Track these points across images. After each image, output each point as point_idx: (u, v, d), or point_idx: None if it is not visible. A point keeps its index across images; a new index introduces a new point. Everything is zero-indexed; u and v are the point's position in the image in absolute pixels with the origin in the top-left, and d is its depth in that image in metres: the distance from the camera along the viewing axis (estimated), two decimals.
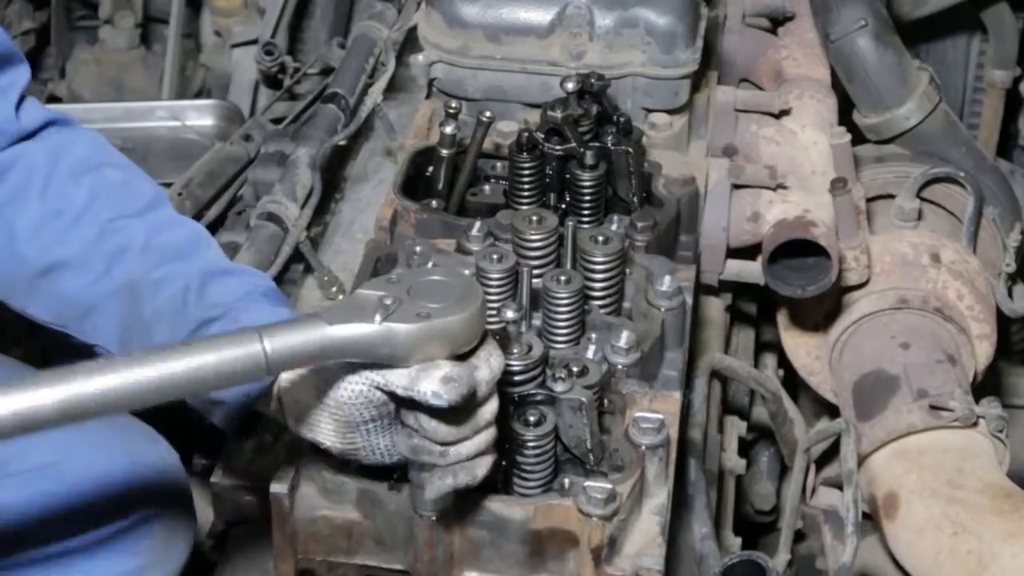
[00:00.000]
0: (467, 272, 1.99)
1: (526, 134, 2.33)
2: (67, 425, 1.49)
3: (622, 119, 2.42)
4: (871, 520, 2.59)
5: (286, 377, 1.78)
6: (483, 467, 1.76)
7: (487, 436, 1.74)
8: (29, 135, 1.98)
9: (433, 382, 1.64)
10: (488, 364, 1.70)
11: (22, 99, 1.98)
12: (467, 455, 1.73)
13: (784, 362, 2.97)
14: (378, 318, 1.63)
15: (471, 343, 1.68)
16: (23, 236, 1.92)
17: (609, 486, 1.82)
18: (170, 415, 2.76)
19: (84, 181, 1.95)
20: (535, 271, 2.11)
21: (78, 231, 1.91)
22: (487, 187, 2.44)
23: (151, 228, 1.93)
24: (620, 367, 2.04)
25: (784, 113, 2.79)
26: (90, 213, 1.92)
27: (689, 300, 2.17)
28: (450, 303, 1.66)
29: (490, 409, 1.73)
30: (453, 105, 2.42)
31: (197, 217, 2.87)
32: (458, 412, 1.69)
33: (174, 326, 1.86)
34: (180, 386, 1.54)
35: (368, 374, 1.69)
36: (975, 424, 2.59)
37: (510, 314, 1.97)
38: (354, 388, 1.71)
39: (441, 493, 1.76)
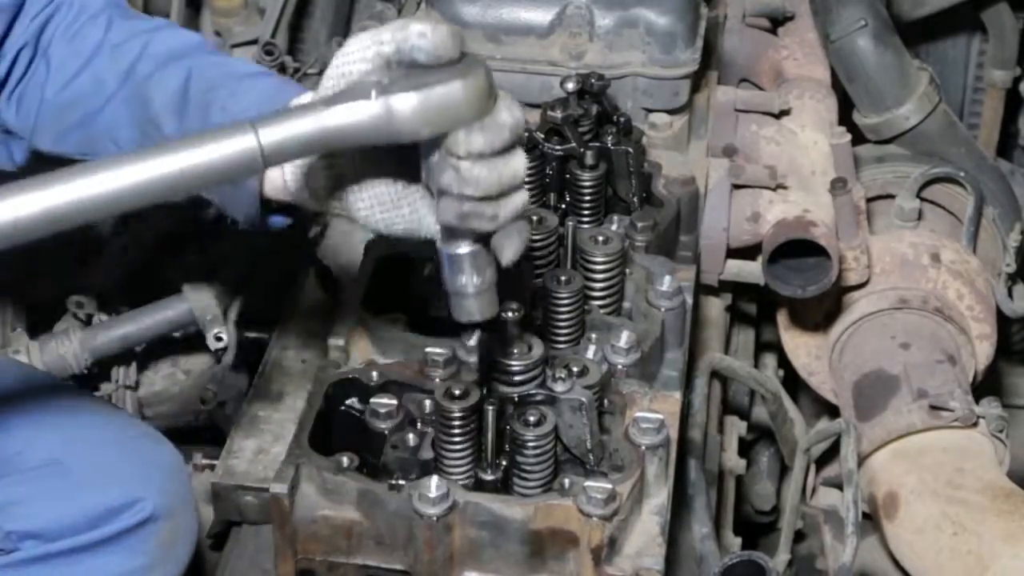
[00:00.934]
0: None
1: (526, 134, 2.33)
2: (56, 230, 1.45)
3: (622, 119, 2.41)
4: (871, 520, 2.59)
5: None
6: (526, 229, 1.70)
7: (524, 194, 1.67)
8: None
9: (419, 25, 1.56)
10: (509, 110, 1.61)
11: None
12: (512, 214, 1.65)
13: (784, 362, 2.97)
14: (374, 94, 1.54)
15: (481, 113, 1.58)
16: (51, 78, 2.00)
17: (609, 486, 1.82)
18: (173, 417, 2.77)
19: (100, 18, 2.02)
20: (535, 271, 2.11)
21: (94, 64, 1.99)
22: None
23: (156, 39, 1.99)
24: (620, 367, 2.04)
25: (784, 113, 2.79)
26: (105, 44, 1.99)
27: (689, 300, 2.16)
28: (450, 71, 1.56)
29: (521, 161, 1.65)
30: None
31: (199, 217, 2.87)
32: (490, 161, 1.61)
33: (180, 116, 1.88)
34: (174, 184, 1.49)
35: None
36: (975, 424, 2.59)
37: (509, 315, 1.97)
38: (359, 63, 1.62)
39: (518, 252, 1.67)
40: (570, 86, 2.36)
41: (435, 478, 1.82)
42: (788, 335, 2.88)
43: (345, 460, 1.91)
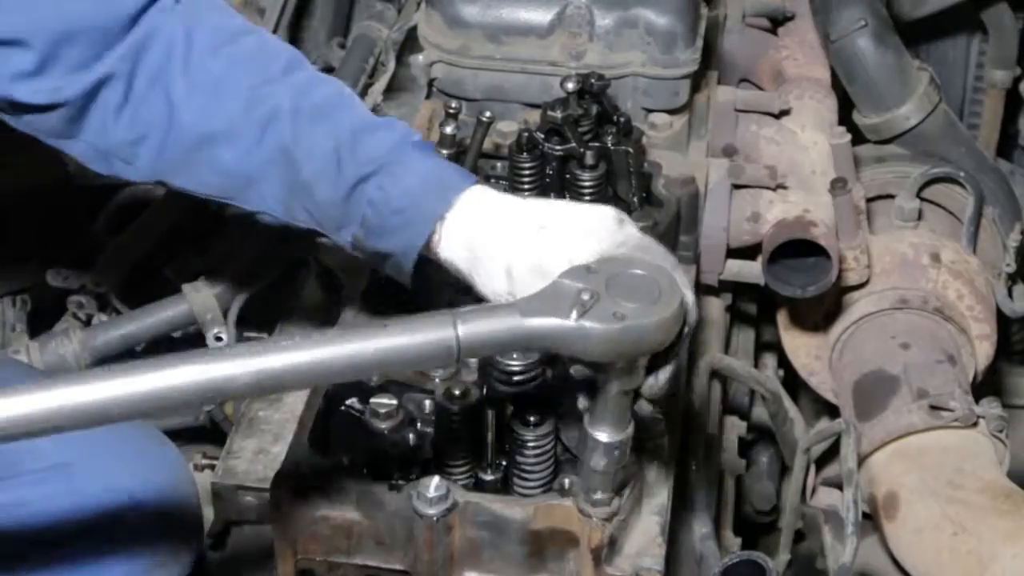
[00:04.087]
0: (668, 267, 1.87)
1: (526, 134, 2.32)
2: (256, 395, 1.60)
3: (622, 119, 2.41)
4: (871, 520, 2.59)
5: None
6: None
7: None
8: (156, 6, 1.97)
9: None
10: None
11: None
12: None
13: (784, 362, 2.97)
14: (574, 315, 1.63)
15: (663, 345, 1.69)
16: (177, 110, 1.93)
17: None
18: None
19: (221, 53, 1.95)
20: None
21: (222, 103, 1.92)
22: None
23: (295, 90, 1.93)
24: None
25: (784, 113, 2.79)
26: (231, 83, 1.93)
27: None
28: (648, 303, 1.65)
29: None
30: (453, 105, 2.42)
31: (198, 216, 2.87)
32: None
33: (333, 186, 1.88)
34: (368, 366, 1.59)
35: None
36: (975, 424, 2.59)
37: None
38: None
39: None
40: (570, 86, 2.35)
41: (435, 478, 1.82)
42: (788, 335, 2.88)
43: (345, 460, 1.91)
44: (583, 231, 1.80)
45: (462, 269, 1.86)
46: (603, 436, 1.76)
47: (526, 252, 1.80)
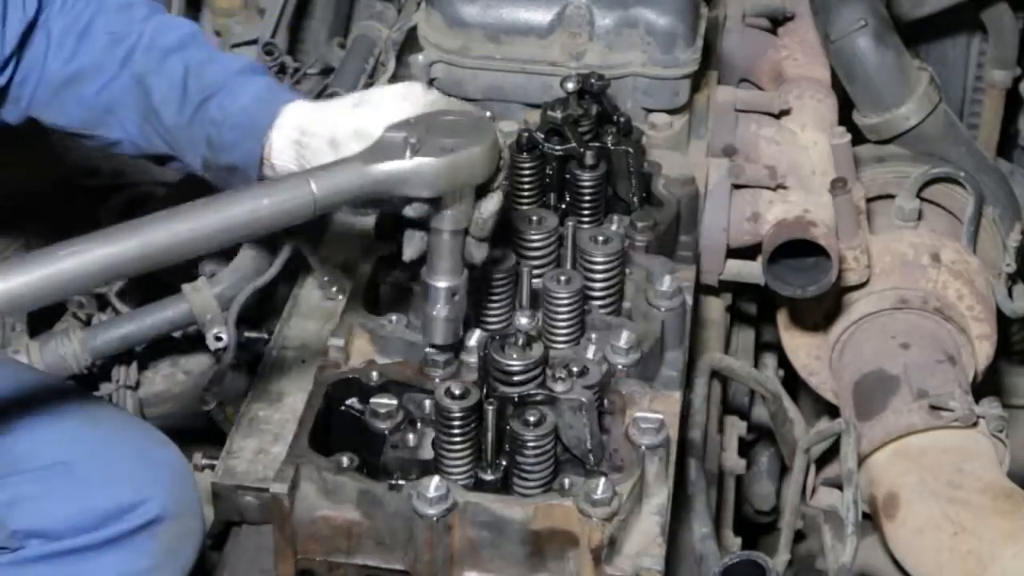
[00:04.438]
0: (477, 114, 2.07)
1: (526, 134, 2.32)
2: (146, 271, 1.70)
3: (622, 119, 2.41)
4: (871, 520, 2.59)
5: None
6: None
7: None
8: None
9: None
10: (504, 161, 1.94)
11: None
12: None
13: (784, 362, 2.97)
14: (408, 154, 1.82)
15: (489, 172, 1.88)
16: (50, 52, 2.15)
17: (609, 486, 1.82)
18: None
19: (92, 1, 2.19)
20: (535, 271, 2.11)
21: (90, 42, 2.15)
22: None
23: (154, 29, 2.17)
24: (620, 367, 2.04)
25: (784, 113, 2.79)
26: (98, 25, 2.16)
27: (689, 300, 2.16)
28: (468, 137, 1.85)
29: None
30: None
31: None
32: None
33: (180, 110, 2.10)
34: (239, 229, 1.74)
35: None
36: (975, 424, 2.59)
37: (524, 321, 1.98)
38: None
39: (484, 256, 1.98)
40: (570, 86, 2.36)
41: (435, 478, 1.82)
42: (788, 335, 2.88)
43: (345, 460, 1.91)
44: (394, 97, 1.99)
45: (294, 168, 2.01)
46: (442, 282, 1.92)
47: (346, 122, 1.98)
